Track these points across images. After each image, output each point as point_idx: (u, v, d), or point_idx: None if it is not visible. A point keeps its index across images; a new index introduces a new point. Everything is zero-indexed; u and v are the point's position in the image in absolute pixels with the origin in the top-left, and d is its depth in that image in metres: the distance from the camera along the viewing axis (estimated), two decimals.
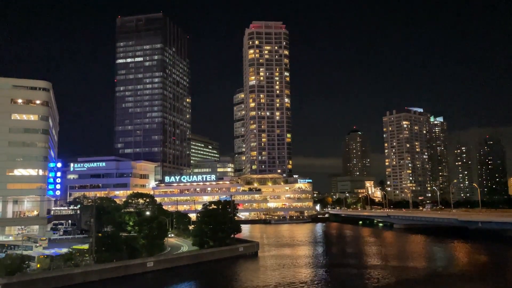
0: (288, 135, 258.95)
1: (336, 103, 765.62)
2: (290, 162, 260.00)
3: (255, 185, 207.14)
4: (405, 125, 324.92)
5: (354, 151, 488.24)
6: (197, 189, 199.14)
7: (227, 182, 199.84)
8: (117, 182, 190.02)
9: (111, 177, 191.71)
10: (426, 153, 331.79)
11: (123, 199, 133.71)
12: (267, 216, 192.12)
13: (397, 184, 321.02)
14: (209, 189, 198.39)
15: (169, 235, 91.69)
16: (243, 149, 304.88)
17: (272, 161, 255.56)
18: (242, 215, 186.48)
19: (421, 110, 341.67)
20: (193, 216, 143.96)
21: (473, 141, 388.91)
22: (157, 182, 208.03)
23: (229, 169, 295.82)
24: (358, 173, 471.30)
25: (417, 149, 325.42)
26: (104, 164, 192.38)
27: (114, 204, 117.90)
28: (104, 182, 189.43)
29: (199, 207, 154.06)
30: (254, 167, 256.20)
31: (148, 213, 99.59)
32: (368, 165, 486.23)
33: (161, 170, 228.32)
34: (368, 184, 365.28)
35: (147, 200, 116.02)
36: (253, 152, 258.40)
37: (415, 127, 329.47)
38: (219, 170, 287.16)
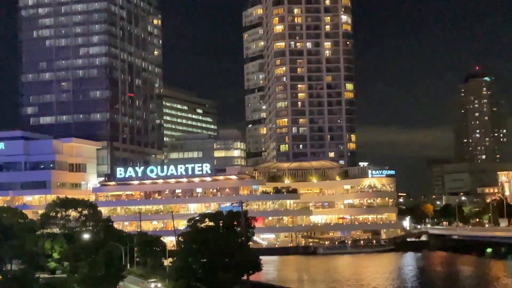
0: (349, 86, 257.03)
1: (437, 28, 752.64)
2: (353, 137, 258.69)
3: (287, 182, 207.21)
4: None
5: (477, 114, 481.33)
6: (178, 190, 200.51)
7: (234, 177, 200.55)
8: (27, 179, 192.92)
9: (16, 169, 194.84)
10: None
11: (40, 211, 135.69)
12: (311, 240, 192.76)
13: None
14: (199, 190, 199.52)
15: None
16: (263, 114, 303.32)
17: (318, 136, 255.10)
18: (263, 238, 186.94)
19: None
20: (170, 241, 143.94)
21: None
22: (102, 179, 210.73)
23: (236, 153, 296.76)
24: (484, 156, 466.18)
25: None
26: (2, 145, 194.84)
27: (24, 220, 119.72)
28: (3, 179, 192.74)
29: (182, 225, 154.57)
30: (283, 147, 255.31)
31: (87, 236, 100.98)
32: (503, 140, 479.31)
33: (109, 156, 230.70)
34: (505, 177, 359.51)
35: (85, 212, 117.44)
36: (282, 120, 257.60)
37: None
38: (217, 154, 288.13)
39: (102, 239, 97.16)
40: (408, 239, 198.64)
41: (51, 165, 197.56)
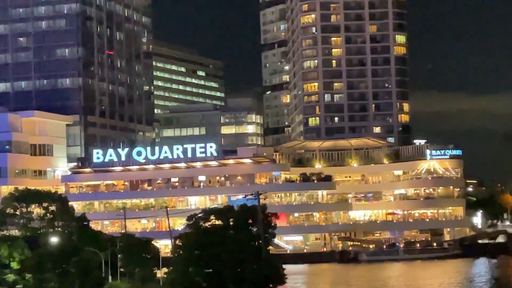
0: (400, 39, 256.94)
1: None
2: (406, 107, 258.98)
3: (318, 166, 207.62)
4: None
5: None
6: (174, 179, 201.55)
7: (248, 161, 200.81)
8: None
9: None
10: None
11: None
12: (351, 243, 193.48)
13: None
14: (202, 178, 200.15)
15: None
16: (285, 77, 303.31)
17: (359, 105, 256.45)
18: (287, 241, 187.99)
19: None
20: (165, 245, 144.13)
21: None
22: (73, 164, 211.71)
23: (250, 128, 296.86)
24: None
25: None
26: None
27: None
28: None
29: (180, 224, 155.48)
30: (313, 121, 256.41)
31: (55, 239, 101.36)
32: None
33: (83, 135, 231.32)
34: None
35: (52, 208, 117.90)
36: (311, 84, 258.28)
37: None
38: (225, 130, 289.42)
39: (75, 243, 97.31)
40: (480, 241, 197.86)
41: (7, 147, 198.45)
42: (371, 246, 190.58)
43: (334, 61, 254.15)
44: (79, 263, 78.40)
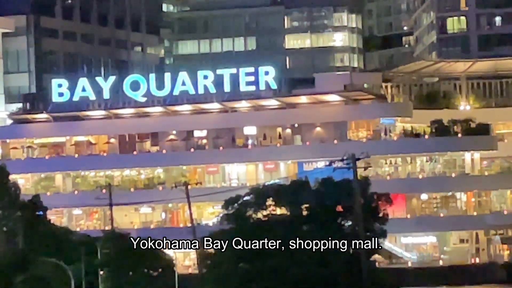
0: None
1: None
2: None
3: (463, 107, 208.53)
4: None
5: None
6: (199, 133, 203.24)
7: (334, 99, 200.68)
8: None
9: None
10: None
11: None
12: None
13: None
14: (250, 130, 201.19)
15: None
16: None
17: None
18: (408, 244, 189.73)
19: None
20: (183, 253, 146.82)
21: None
22: (17, 106, 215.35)
23: (339, 39, 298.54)
24: None
25: None
26: None
27: None
28: None
29: (211, 214, 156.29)
30: (454, 24, 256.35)
31: None
32: None
33: (33, 51, 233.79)
34: None
35: None
36: None
37: None
38: (292, 43, 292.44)
39: (22, 249, 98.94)
40: None
41: None
42: None
43: None
44: (29, 283, 79.36)
